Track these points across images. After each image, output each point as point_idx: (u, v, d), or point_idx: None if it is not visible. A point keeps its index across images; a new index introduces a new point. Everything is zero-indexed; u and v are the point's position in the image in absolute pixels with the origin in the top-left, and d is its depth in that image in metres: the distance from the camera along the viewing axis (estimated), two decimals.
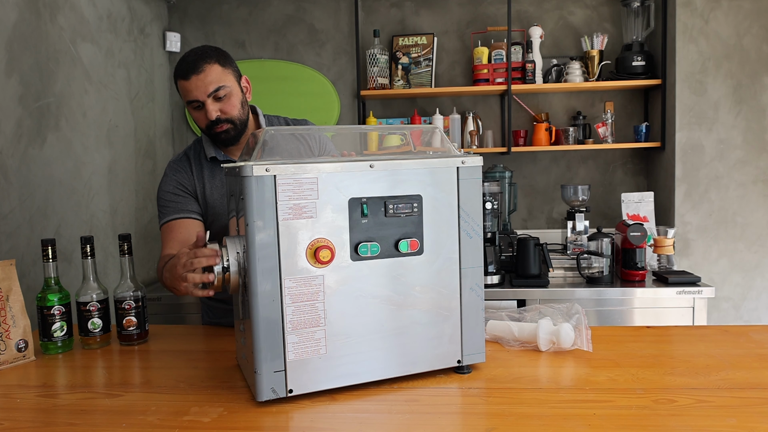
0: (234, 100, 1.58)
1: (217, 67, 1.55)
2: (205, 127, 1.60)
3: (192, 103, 1.56)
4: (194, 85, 1.53)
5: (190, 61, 1.54)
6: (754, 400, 1.09)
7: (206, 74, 1.52)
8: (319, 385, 1.13)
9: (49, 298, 1.46)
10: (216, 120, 1.56)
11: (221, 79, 1.54)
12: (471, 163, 1.20)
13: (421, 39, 3.22)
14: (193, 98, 1.55)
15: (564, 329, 1.33)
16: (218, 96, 1.55)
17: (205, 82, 1.52)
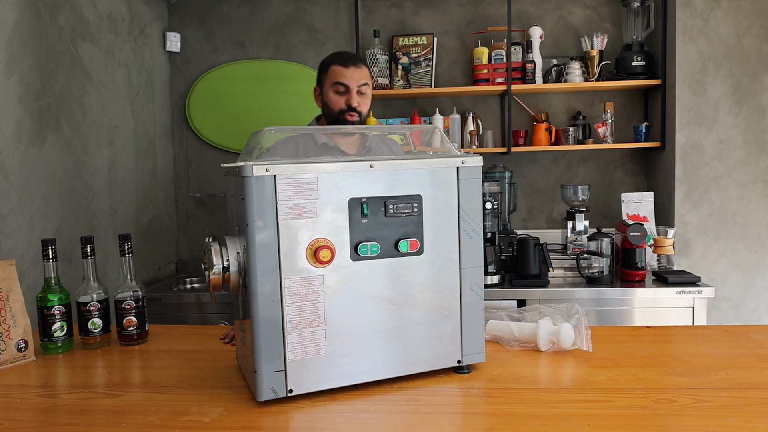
0: (367, 100, 1.92)
1: (367, 70, 1.92)
2: (338, 111, 1.89)
3: (339, 85, 1.87)
4: (350, 73, 1.86)
5: (351, 55, 1.91)
6: (754, 400, 1.09)
7: (362, 70, 1.89)
8: (319, 385, 1.13)
9: (50, 298, 1.46)
10: (353, 108, 1.87)
11: (367, 79, 1.91)
12: (471, 163, 1.20)
13: (421, 39, 3.22)
14: (345, 82, 1.86)
15: (564, 329, 1.33)
16: (361, 91, 1.88)
17: (360, 75, 1.87)
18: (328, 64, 1.91)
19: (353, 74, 1.86)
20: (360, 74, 1.87)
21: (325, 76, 1.92)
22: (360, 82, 1.87)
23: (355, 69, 1.86)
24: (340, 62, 1.87)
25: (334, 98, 1.89)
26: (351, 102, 1.87)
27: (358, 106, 1.88)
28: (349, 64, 1.86)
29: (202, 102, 3.40)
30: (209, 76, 3.40)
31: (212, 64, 3.41)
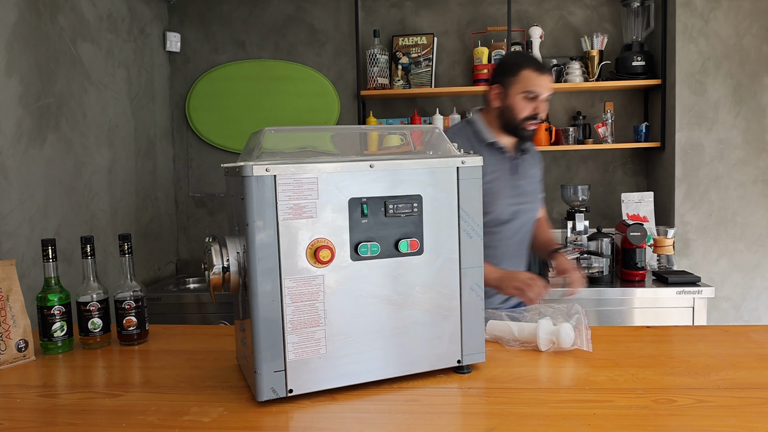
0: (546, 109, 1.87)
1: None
2: (523, 118, 1.80)
3: (531, 93, 1.78)
4: (545, 81, 1.79)
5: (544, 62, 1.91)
6: (754, 400, 1.09)
7: (551, 79, 1.87)
8: (319, 385, 1.13)
9: (50, 298, 1.46)
10: (538, 117, 1.81)
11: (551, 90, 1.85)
12: (471, 163, 1.20)
13: (421, 39, 3.22)
14: (539, 90, 1.78)
15: (564, 329, 1.33)
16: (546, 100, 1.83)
17: (550, 84, 1.82)
18: (520, 68, 1.80)
19: (546, 82, 1.80)
20: (550, 83, 1.82)
21: (513, 79, 1.81)
22: (550, 91, 1.82)
23: (549, 77, 1.82)
24: (534, 68, 1.79)
25: (522, 105, 1.80)
26: (540, 109, 1.81)
27: (540, 115, 1.83)
28: (545, 71, 1.80)
29: (202, 102, 3.40)
30: (209, 76, 3.40)
31: (212, 64, 3.41)
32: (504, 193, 1.84)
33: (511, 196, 1.85)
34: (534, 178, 1.96)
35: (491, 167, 1.82)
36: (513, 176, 1.88)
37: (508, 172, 1.87)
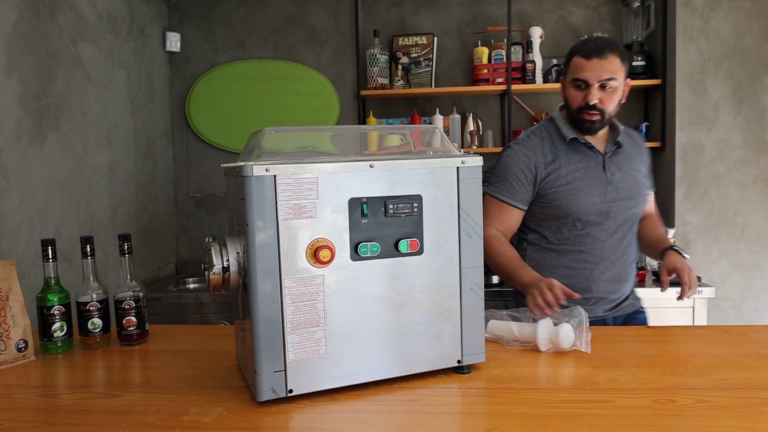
0: (615, 96, 1.67)
1: (618, 60, 1.64)
2: (576, 109, 1.69)
3: (578, 81, 1.66)
4: (591, 67, 1.63)
5: (598, 44, 1.65)
6: (754, 400, 1.09)
7: (608, 62, 1.63)
8: (319, 385, 1.13)
9: (49, 298, 1.46)
10: (592, 106, 1.65)
11: (616, 72, 1.64)
12: (471, 163, 1.20)
13: (421, 39, 3.22)
14: (583, 77, 1.65)
15: (564, 329, 1.33)
16: (605, 85, 1.65)
17: (603, 68, 1.62)
18: (571, 56, 1.70)
19: (594, 67, 1.62)
20: (605, 67, 1.62)
21: (567, 68, 1.72)
22: (603, 75, 1.63)
23: (599, 60, 1.62)
24: (583, 53, 1.65)
25: (573, 94, 1.69)
26: (590, 99, 1.64)
27: (599, 103, 1.65)
28: (593, 55, 1.63)
29: (202, 102, 3.40)
30: (209, 76, 3.40)
31: (212, 64, 3.41)
32: (589, 192, 1.70)
33: (600, 194, 1.71)
34: (637, 171, 1.78)
35: (573, 165, 1.72)
36: (604, 172, 1.73)
37: (596, 169, 1.73)
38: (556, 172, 1.72)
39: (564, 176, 1.71)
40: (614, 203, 1.72)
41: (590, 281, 1.72)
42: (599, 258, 1.72)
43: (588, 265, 1.71)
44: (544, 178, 1.72)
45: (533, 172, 1.73)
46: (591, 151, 1.74)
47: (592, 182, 1.71)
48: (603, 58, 1.62)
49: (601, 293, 1.74)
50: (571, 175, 1.71)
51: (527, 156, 1.75)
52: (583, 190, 1.70)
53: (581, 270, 1.73)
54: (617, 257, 1.75)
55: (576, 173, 1.72)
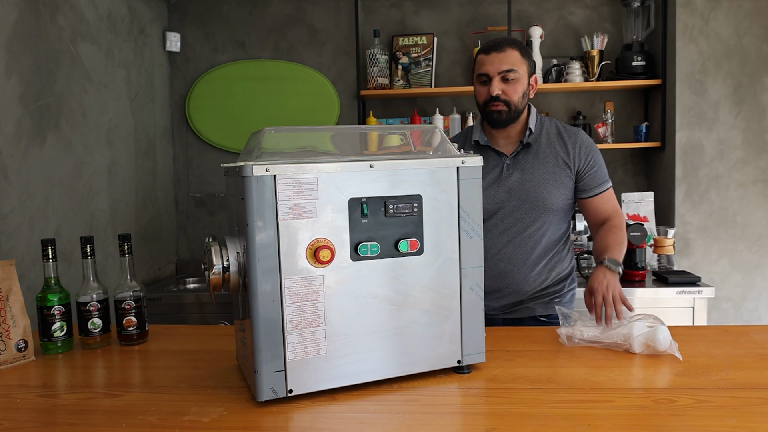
0: (518, 87, 1.71)
1: (516, 53, 1.70)
2: (483, 103, 1.74)
3: (481, 76, 1.72)
4: (490, 61, 1.69)
5: (497, 41, 1.73)
6: (754, 400, 1.09)
7: (505, 55, 1.69)
8: (319, 385, 1.13)
9: (49, 298, 1.46)
10: (495, 97, 1.70)
11: (515, 64, 1.69)
12: (471, 163, 1.20)
13: (421, 39, 3.22)
14: (484, 71, 1.70)
15: (662, 332, 1.30)
16: (506, 77, 1.69)
17: (502, 60, 1.68)
18: (477, 54, 1.75)
19: (493, 60, 1.68)
20: (503, 59, 1.68)
21: (474, 66, 1.77)
22: (502, 67, 1.68)
23: (497, 54, 1.68)
24: (483, 50, 1.72)
25: (479, 90, 1.75)
26: (492, 90, 1.69)
27: (501, 95, 1.69)
28: (491, 50, 1.69)
29: (202, 102, 3.40)
30: (209, 76, 3.40)
31: (212, 64, 3.41)
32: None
33: (491, 195, 1.75)
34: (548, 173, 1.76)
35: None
36: (500, 174, 1.77)
37: (495, 170, 1.78)
38: None
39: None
40: (503, 204, 1.77)
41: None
42: (488, 253, 1.75)
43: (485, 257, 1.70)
44: None
45: None
46: (494, 153, 1.80)
47: (486, 183, 1.76)
48: (501, 51, 1.69)
49: (487, 287, 1.70)
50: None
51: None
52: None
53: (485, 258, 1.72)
54: (503, 256, 1.78)
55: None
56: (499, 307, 1.82)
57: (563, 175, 1.78)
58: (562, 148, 1.79)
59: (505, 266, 1.79)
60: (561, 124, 1.85)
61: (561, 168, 1.78)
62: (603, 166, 1.83)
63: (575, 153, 1.78)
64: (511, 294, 1.81)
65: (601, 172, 1.81)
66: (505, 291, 1.80)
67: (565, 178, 1.78)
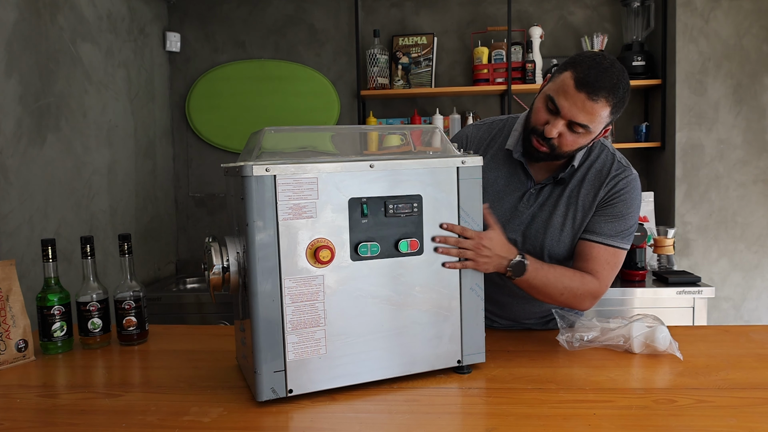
0: (579, 141, 1.36)
1: (607, 110, 1.31)
2: (531, 129, 1.40)
3: (552, 102, 1.33)
4: (573, 101, 1.30)
5: (599, 78, 1.28)
6: (754, 400, 1.09)
7: (593, 106, 1.29)
8: (319, 385, 1.12)
9: (49, 298, 1.46)
10: (546, 138, 1.35)
11: (594, 121, 1.31)
12: (471, 163, 1.20)
13: (421, 39, 3.22)
14: (558, 104, 1.31)
15: (661, 331, 1.30)
16: (574, 129, 1.33)
17: (583, 109, 1.30)
18: (565, 68, 1.33)
19: (576, 103, 1.29)
20: (586, 110, 1.29)
21: (554, 77, 1.37)
22: (578, 118, 1.30)
23: (586, 99, 1.28)
24: (579, 80, 1.29)
25: (540, 110, 1.37)
26: (548, 132, 1.33)
27: (555, 140, 1.35)
28: (585, 89, 1.28)
29: (202, 102, 3.40)
30: (209, 76, 3.40)
31: (212, 64, 3.41)
32: (494, 206, 1.45)
33: (500, 216, 1.45)
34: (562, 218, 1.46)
35: (494, 173, 1.50)
36: (520, 200, 1.48)
37: (514, 194, 1.49)
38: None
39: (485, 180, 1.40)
40: (509, 237, 1.39)
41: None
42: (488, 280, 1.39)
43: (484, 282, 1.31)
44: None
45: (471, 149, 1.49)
46: (523, 173, 1.49)
47: (502, 209, 1.48)
48: (592, 99, 1.28)
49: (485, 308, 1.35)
50: (494, 181, 1.50)
51: (460, 137, 1.59)
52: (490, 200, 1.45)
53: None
54: (502, 288, 1.53)
55: (492, 186, 1.49)
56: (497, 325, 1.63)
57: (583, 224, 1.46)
58: (596, 194, 1.45)
59: (505, 299, 1.56)
60: (614, 162, 1.46)
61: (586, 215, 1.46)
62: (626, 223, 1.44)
63: (603, 194, 1.44)
64: (508, 320, 1.62)
65: (614, 226, 1.43)
66: (503, 317, 1.62)
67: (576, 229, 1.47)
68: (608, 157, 1.48)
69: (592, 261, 1.42)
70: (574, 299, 1.40)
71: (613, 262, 1.43)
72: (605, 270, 1.42)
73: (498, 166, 1.52)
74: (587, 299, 1.41)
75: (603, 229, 1.43)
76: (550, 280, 1.36)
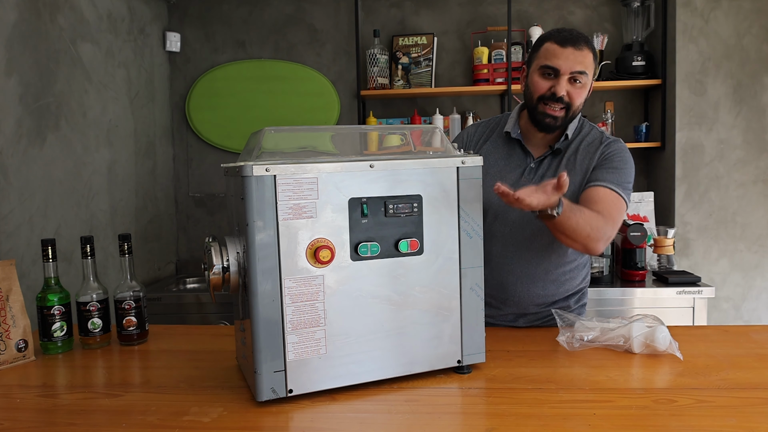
0: (583, 92, 1.54)
1: (591, 56, 1.52)
2: (539, 98, 1.54)
3: (547, 69, 1.51)
4: (565, 56, 1.49)
5: (574, 34, 1.51)
6: (754, 400, 1.09)
7: (582, 54, 1.50)
8: (319, 385, 1.13)
9: (49, 298, 1.46)
10: (558, 98, 1.51)
11: (588, 67, 1.52)
12: (471, 163, 1.20)
13: (421, 39, 3.22)
14: (554, 65, 1.50)
15: (660, 331, 1.30)
16: (576, 79, 1.51)
17: (577, 59, 1.49)
18: (542, 42, 1.54)
19: (568, 56, 1.48)
20: (578, 59, 1.49)
21: (535, 54, 1.55)
22: (575, 67, 1.49)
23: (574, 50, 1.49)
24: (557, 40, 1.50)
25: (538, 81, 1.54)
26: (557, 90, 1.50)
27: (565, 97, 1.51)
28: (569, 44, 1.49)
29: (202, 102, 3.40)
30: (209, 76, 3.40)
31: (212, 64, 3.41)
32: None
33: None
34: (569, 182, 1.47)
35: (494, 155, 1.63)
36: (521, 175, 1.61)
37: (516, 170, 1.61)
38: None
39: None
40: (513, 210, 1.54)
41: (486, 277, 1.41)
42: (491, 261, 1.55)
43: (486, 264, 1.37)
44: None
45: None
46: (521, 151, 1.64)
47: (502, 178, 1.57)
48: (578, 49, 1.49)
49: (486, 296, 1.51)
50: (490, 166, 1.59)
51: (461, 137, 1.75)
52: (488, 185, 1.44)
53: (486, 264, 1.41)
54: (505, 267, 1.62)
55: (494, 167, 1.62)
56: (499, 316, 1.68)
57: (582, 186, 1.59)
58: (591, 160, 1.60)
59: (507, 278, 1.63)
60: (603, 134, 1.66)
61: (584, 177, 1.59)
62: (623, 174, 1.57)
63: (599, 157, 1.59)
64: (512, 305, 1.65)
65: (615, 175, 1.56)
66: (506, 303, 1.66)
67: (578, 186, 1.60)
68: (596, 131, 1.66)
69: (600, 202, 1.50)
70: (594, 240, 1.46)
71: (617, 207, 1.52)
72: (613, 211, 1.51)
73: (497, 150, 1.67)
74: (602, 240, 1.48)
75: (605, 176, 1.55)
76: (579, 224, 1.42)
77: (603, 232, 1.46)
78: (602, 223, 1.47)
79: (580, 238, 1.45)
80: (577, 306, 1.72)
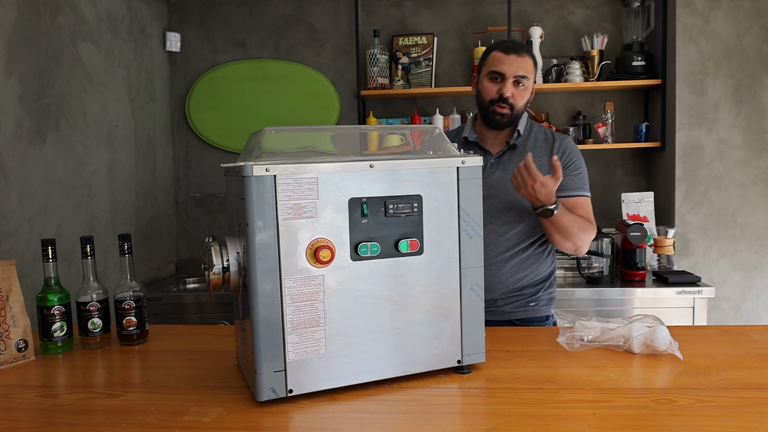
0: (525, 94, 1.78)
1: (531, 62, 1.77)
2: (489, 101, 1.77)
3: (494, 74, 1.75)
4: (509, 62, 1.73)
5: (517, 44, 1.79)
6: (754, 400, 1.09)
7: (524, 60, 1.74)
8: (319, 385, 1.13)
9: (49, 298, 1.46)
10: (504, 98, 1.74)
11: (529, 72, 1.76)
12: (471, 163, 1.20)
13: (421, 39, 3.22)
14: (499, 70, 1.74)
15: (660, 331, 1.30)
16: (518, 82, 1.75)
17: (519, 65, 1.73)
18: (489, 51, 1.79)
19: (512, 62, 1.73)
20: (521, 64, 1.73)
21: (483, 62, 1.80)
22: (518, 72, 1.73)
23: (517, 57, 1.73)
24: (502, 49, 1.75)
25: (487, 86, 1.77)
26: (504, 91, 1.73)
27: (510, 98, 1.74)
28: (512, 51, 1.74)
29: (202, 102, 3.40)
30: (209, 76, 3.40)
31: (212, 64, 3.41)
32: None
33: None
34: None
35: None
36: (487, 171, 1.79)
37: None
38: None
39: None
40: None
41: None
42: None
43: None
44: None
45: None
46: (480, 151, 1.83)
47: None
48: (520, 56, 1.74)
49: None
50: None
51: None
52: None
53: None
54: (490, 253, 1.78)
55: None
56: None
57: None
58: (547, 153, 1.81)
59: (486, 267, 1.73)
60: (550, 131, 1.88)
61: (543, 171, 1.72)
62: (584, 175, 1.83)
63: (558, 156, 1.77)
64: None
65: (580, 179, 1.81)
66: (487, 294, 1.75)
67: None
68: (542, 128, 1.90)
69: (578, 208, 1.78)
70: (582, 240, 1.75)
71: (589, 208, 1.83)
72: (590, 214, 1.82)
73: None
74: (589, 240, 1.78)
75: (575, 184, 1.81)
76: (570, 222, 1.71)
77: (588, 233, 1.76)
78: (587, 224, 1.76)
79: (571, 236, 1.71)
80: (548, 292, 1.86)
